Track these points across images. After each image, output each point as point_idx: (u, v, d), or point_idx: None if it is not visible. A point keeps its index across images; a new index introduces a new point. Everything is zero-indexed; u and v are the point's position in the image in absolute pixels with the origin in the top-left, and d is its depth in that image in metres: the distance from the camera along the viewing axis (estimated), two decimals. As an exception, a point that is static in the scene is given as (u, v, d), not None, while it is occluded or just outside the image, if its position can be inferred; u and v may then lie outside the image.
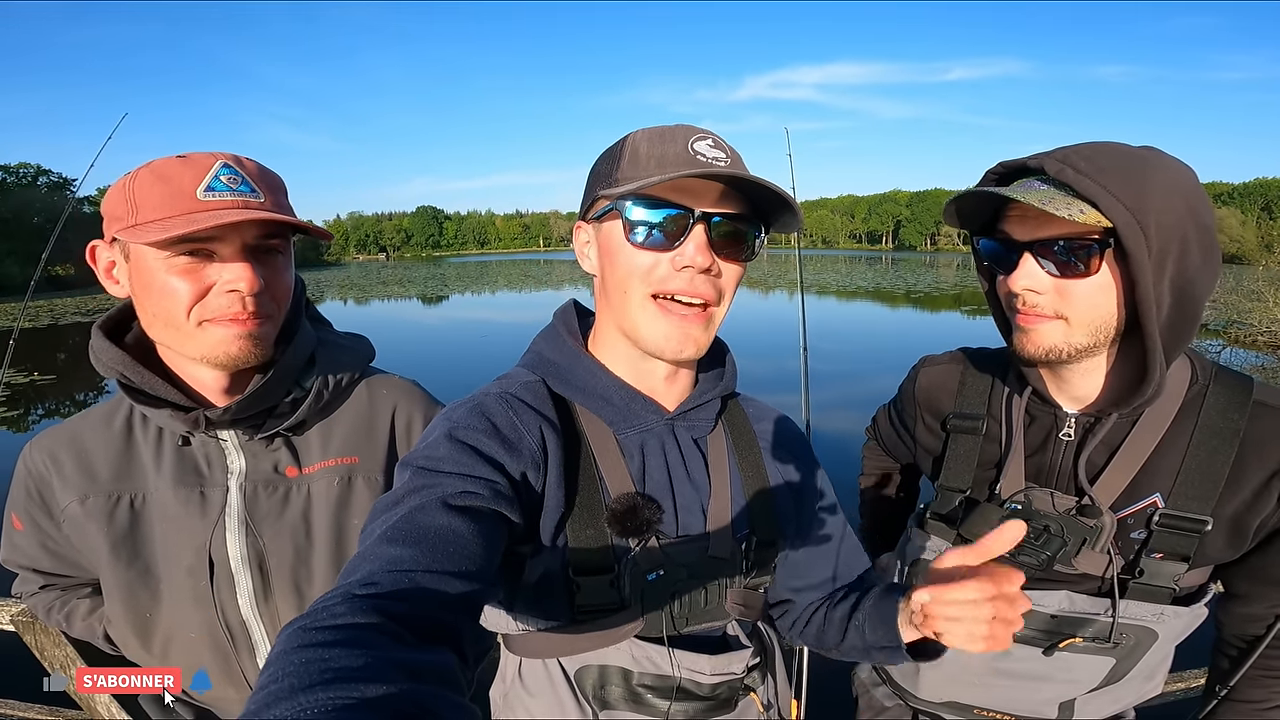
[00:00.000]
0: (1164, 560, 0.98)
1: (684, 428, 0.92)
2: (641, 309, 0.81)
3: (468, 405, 0.82)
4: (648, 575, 0.84)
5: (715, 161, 0.78)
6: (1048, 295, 0.92)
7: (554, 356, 0.91)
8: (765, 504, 0.94)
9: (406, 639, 0.50)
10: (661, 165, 0.77)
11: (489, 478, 0.73)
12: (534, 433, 0.81)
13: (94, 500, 1.00)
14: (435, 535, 0.63)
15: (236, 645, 1.04)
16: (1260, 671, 1.05)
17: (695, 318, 0.81)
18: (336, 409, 1.10)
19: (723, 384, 0.94)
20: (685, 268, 0.78)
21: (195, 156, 0.90)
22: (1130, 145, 0.90)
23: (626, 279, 0.81)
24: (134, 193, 0.88)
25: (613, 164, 0.82)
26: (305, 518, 1.04)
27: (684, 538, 0.87)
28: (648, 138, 0.81)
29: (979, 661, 1.10)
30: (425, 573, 0.58)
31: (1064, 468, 1.04)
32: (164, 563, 1.01)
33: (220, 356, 0.93)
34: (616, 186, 0.79)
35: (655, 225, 0.78)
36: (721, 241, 0.80)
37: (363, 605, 0.52)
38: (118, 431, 1.02)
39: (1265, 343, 15.74)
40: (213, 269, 0.90)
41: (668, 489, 0.88)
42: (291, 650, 0.46)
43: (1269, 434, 0.93)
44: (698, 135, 0.80)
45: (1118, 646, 1.01)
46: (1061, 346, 0.94)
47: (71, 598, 1.13)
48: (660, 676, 0.86)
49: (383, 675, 0.44)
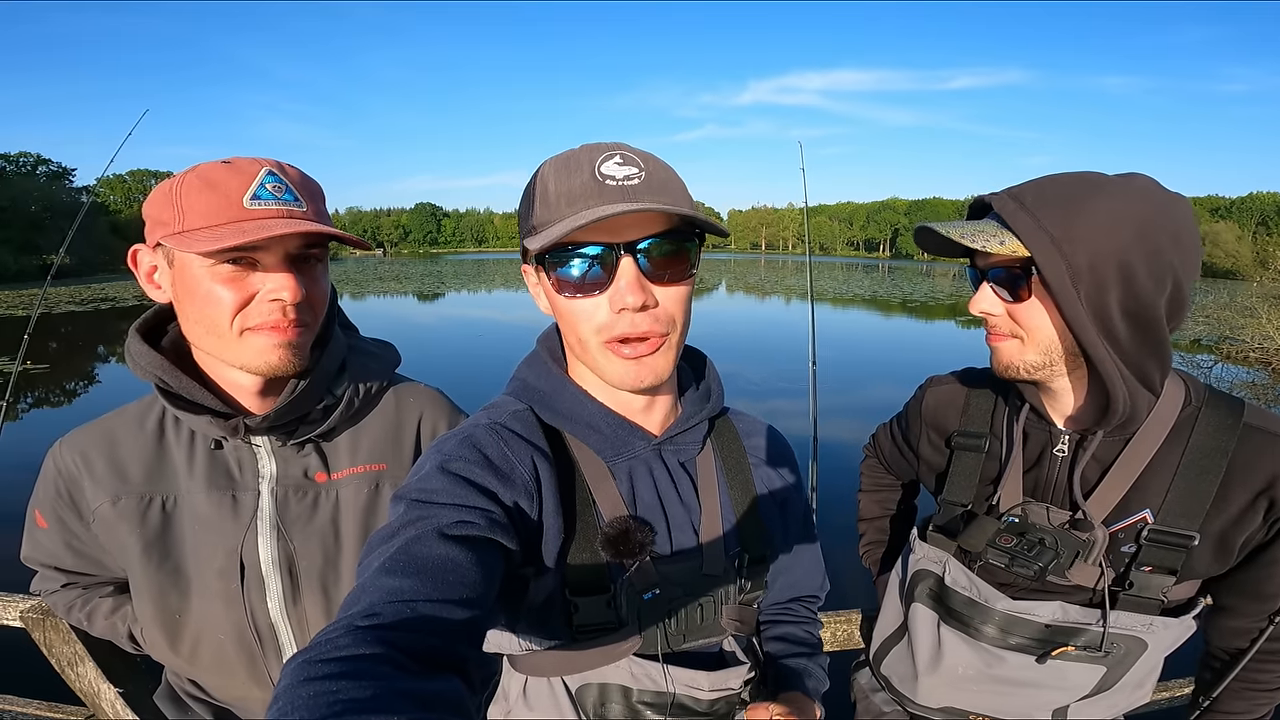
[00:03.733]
0: (1152, 573, 1.02)
1: (671, 451, 0.93)
2: (599, 354, 0.81)
3: (458, 437, 0.82)
4: (643, 595, 0.86)
5: (626, 181, 0.75)
6: (1003, 317, 1.01)
7: (540, 385, 0.91)
8: (755, 521, 0.96)
9: (412, 669, 0.51)
10: (570, 201, 0.75)
11: (483, 507, 0.73)
12: (525, 462, 0.82)
13: (126, 501, 1.01)
14: (433, 565, 0.63)
15: (264, 647, 1.05)
16: (1243, 684, 1.09)
17: (649, 348, 0.79)
18: (365, 416, 1.11)
19: (709, 405, 0.95)
20: (623, 309, 0.76)
21: (240, 163, 0.91)
22: (1098, 174, 0.93)
23: (575, 327, 0.81)
24: (180, 198, 0.88)
25: (528, 205, 0.80)
26: (334, 522, 1.06)
27: (678, 557, 0.89)
28: (554, 170, 0.77)
29: (975, 669, 1.14)
30: (426, 602, 0.59)
31: (1059, 483, 1.08)
32: (195, 564, 1.02)
33: (261, 365, 0.94)
34: (534, 235, 0.77)
35: (581, 272, 0.76)
36: (659, 263, 0.77)
37: (366, 636, 0.52)
38: (150, 433, 1.03)
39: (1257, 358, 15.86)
40: (256, 277, 0.91)
41: (659, 510, 0.89)
42: (298, 684, 0.47)
43: (1256, 455, 0.97)
44: (604, 154, 0.76)
45: (1109, 655, 1.05)
46: (1017, 364, 1.02)
47: (93, 596, 1.13)
48: (659, 693, 0.88)
49: (391, 705, 0.45)
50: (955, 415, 1.23)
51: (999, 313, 1.00)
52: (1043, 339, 0.98)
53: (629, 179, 0.75)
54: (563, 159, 0.78)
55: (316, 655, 0.50)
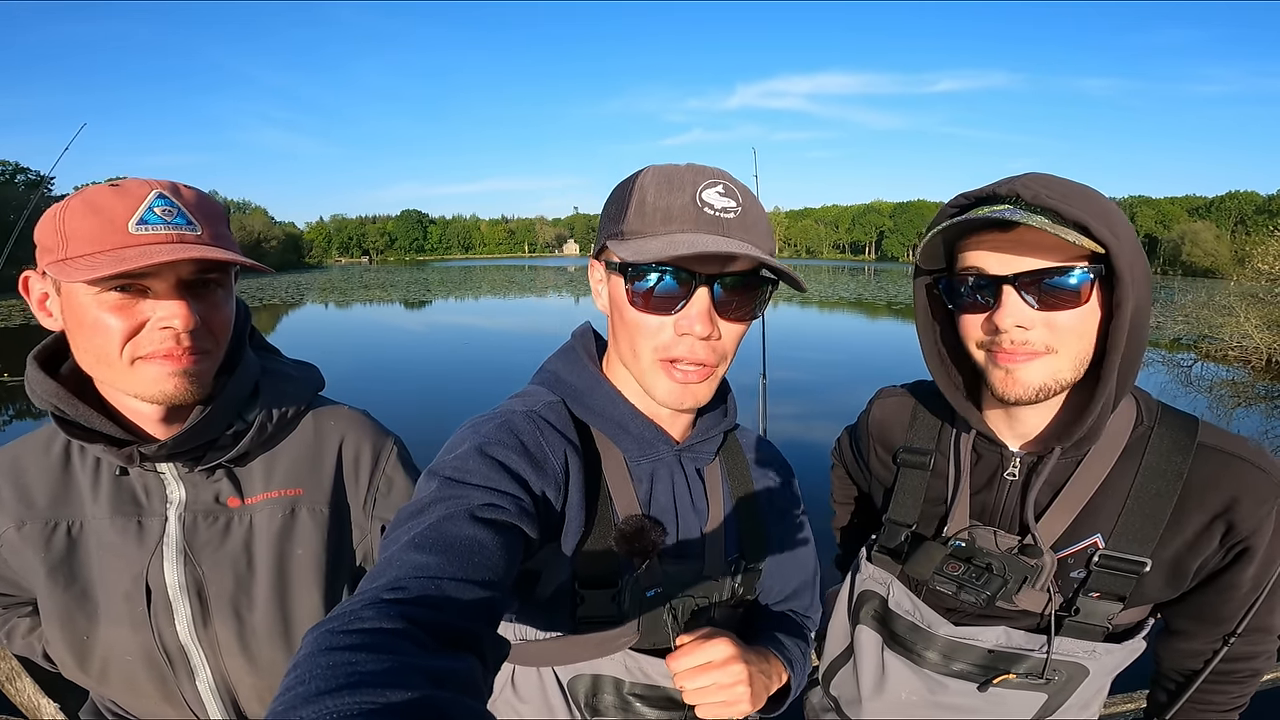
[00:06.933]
0: (1100, 600, 0.99)
1: (689, 458, 0.96)
2: (650, 369, 0.84)
3: (496, 421, 0.84)
4: (646, 592, 0.88)
5: (723, 214, 0.78)
6: (1036, 329, 0.88)
7: (573, 380, 0.93)
8: (755, 529, 1.00)
9: (431, 645, 0.51)
10: (667, 220, 0.78)
11: (514, 493, 0.75)
12: (559, 454, 0.84)
13: (30, 527, 0.99)
14: (462, 545, 0.64)
15: (175, 668, 1.04)
16: (1196, 705, 1.07)
17: (698, 376, 0.83)
18: (281, 440, 1.09)
19: (726, 420, 0.99)
20: (685, 334, 0.80)
21: (129, 185, 0.88)
22: (1068, 179, 0.91)
23: (634, 338, 0.83)
24: (64, 223, 0.85)
25: (621, 209, 0.82)
26: (247, 547, 1.04)
27: (682, 557, 0.93)
28: (655, 183, 0.80)
29: (919, 694, 1.11)
30: (451, 580, 0.60)
31: (1008, 507, 1.04)
32: (101, 588, 1.01)
33: (155, 394, 0.91)
34: (622, 240, 0.81)
35: (658, 290, 0.79)
36: (727, 299, 0.81)
37: (389, 610, 0.53)
38: (55, 459, 1.01)
39: (1236, 357, 16.06)
40: (146, 305, 0.88)
41: (672, 513, 0.93)
42: (318, 653, 0.47)
43: (1212, 477, 0.93)
44: (707, 182, 0.80)
45: (1049, 683, 1.02)
46: (1050, 384, 0.90)
47: (12, 616, 1.12)
48: (650, 686, 0.90)
49: (406, 680, 0.45)
50: (901, 430, 1.19)
51: (1034, 324, 0.88)
52: (1079, 351, 0.89)
53: (726, 211, 0.79)
54: (665, 173, 0.81)
55: (338, 626, 0.50)
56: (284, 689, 0.45)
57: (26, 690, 1.69)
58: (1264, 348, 15.70)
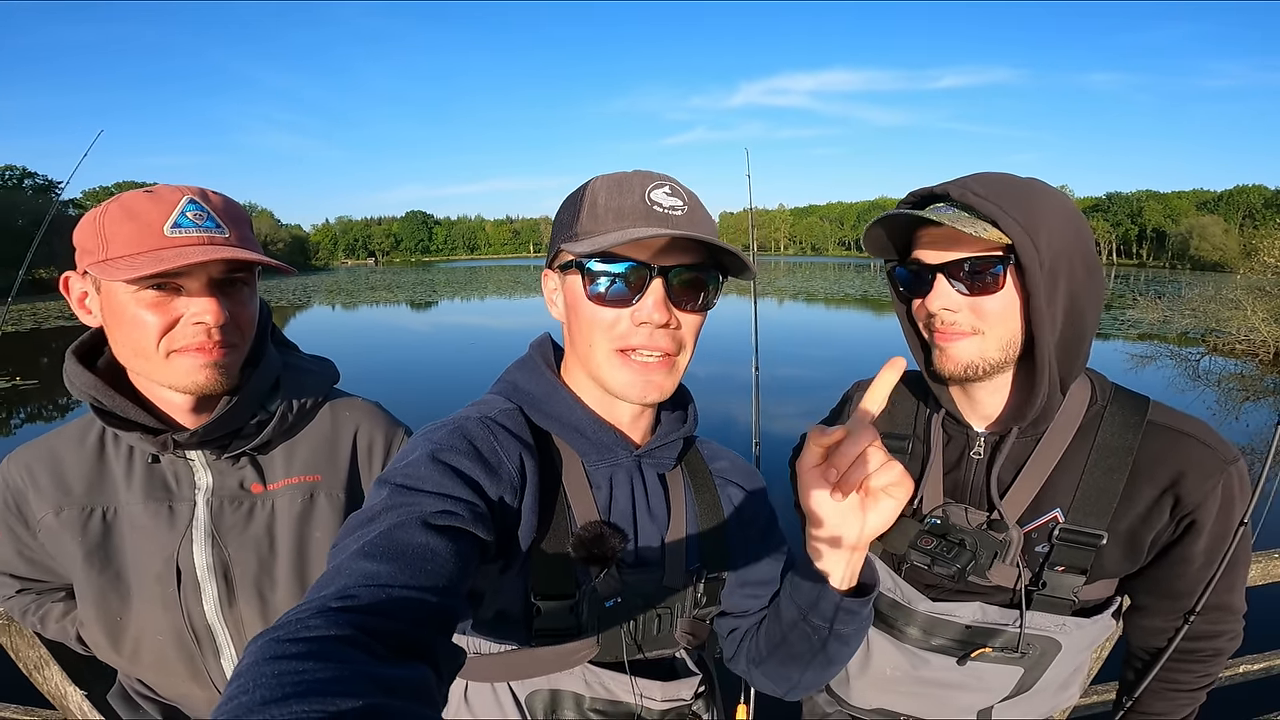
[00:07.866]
0: (1064, 573, 1.04)
1: (650, 464, 0.95)
2: (607, 360, 0.84)
3: (449, 427, 0.82)
4: (605, 602, 0.86)
5: (671, 211, 0.81)
6: (963, 313, 0.99)
7: (530, 387, 0.93)
8: (718, 539, 0.98)
9: (381, 653, 0.50)
10: (619, 218, 0.80)
11: (468, 499, 0.73)
12: (513, 459, 0.82)
13: (68, 512, 1.06)
14: (414, 552, 0.62)
15: (202, 648, 1.10)
16: (1163, 684, 1.11)
17: (658, 366, 0.83)
18: (301, 430, 1.15)
19: (686, 427, 0.98)
20: (644, 323, 0.81)
21: (163, 191, 0.95)
22: (1022, 176, 1.00)
23: (590, 333, 0.83)
24: (104, 227, 0.92)
25: (573, 215, 0.84)
26: (269, 531, 1.10)
27: (642, 567, 0.90)
28: (605, 187, 0.83)
29: (902, 670, 1.16)
30: (402, 588, 0.58)
31: (976, 484, 1.10)
32: (134, 570, 1.07)
33: (188, 384, 0.98)
34: (576, 240, 0.82)
35: (613, 281, 0.81)
36: (681, 291, 0.83)
37: (337, 619, 0.51)
38: (91, 448, 1.07)
39: (1244, 350, 15.97)
40: (180, 302, 0.95)
41: (631, 520, 0.91)
42: (263, 661, 0.45)
43: (1160, 453, 0.99)
44: (654, 183, 0.82)
45: (1024, 656, 1.07)
46: (977, 361, 1.00)
47: (46, 601, 1.18)
48: (612, 702, 0.88)
49: (356, 689, 0.44)
50: (882, 418, 1.24)
51: (960, 307, 0.99)
52: (1005, 333, 0.98)
53: (674, 209, 0.82)
54: (615, 179, 0.84)
55: (284, 634, 0.49)
56: (227, 698, 0.43)
57: (54, 679, 1.73)
58: (1271, 341, 15.60)
